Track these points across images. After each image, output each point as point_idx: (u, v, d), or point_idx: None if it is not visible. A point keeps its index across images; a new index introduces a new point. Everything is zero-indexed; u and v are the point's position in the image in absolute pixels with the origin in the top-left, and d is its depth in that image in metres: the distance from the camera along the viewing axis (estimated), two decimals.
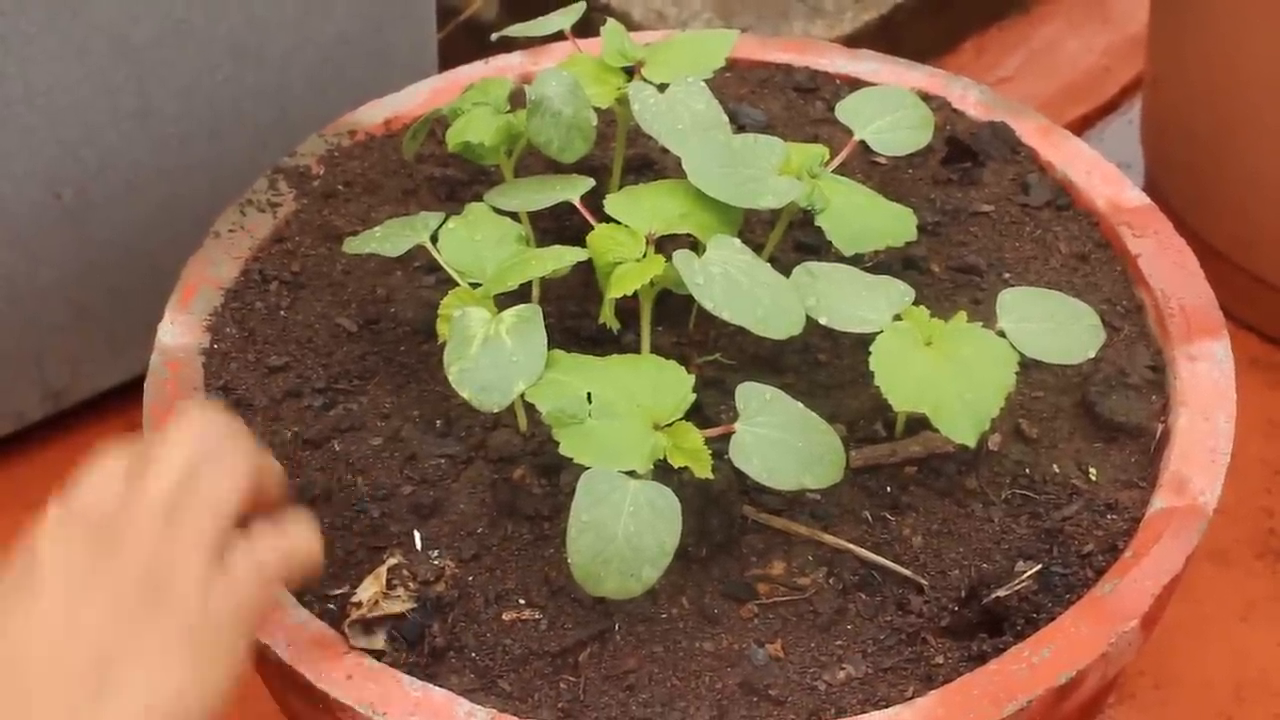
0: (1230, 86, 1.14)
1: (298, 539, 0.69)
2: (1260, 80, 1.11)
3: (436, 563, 0.74)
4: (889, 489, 0.77)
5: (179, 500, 0.65)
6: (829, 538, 0.75)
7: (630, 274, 0.75)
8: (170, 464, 0.66)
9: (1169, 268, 0.87)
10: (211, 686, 0.63)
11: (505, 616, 0.73)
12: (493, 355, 0.73)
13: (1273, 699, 1.02)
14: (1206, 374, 0.81)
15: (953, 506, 0.77)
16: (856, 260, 0.80)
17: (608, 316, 0.79)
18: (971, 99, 0.98)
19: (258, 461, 0.69)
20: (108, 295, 1.08)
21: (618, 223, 0.78)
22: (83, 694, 0.60)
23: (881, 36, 1.39)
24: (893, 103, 0.87)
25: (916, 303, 0.77)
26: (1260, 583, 1.08)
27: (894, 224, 0.82)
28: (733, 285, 0.74)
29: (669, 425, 0.72)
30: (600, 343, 0.81)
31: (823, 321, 0.76)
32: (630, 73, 0.86)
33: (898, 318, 0.76)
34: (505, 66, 0.99)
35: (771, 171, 0.81)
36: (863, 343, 0.75)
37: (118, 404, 1.13)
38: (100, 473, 0.67)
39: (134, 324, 1.00)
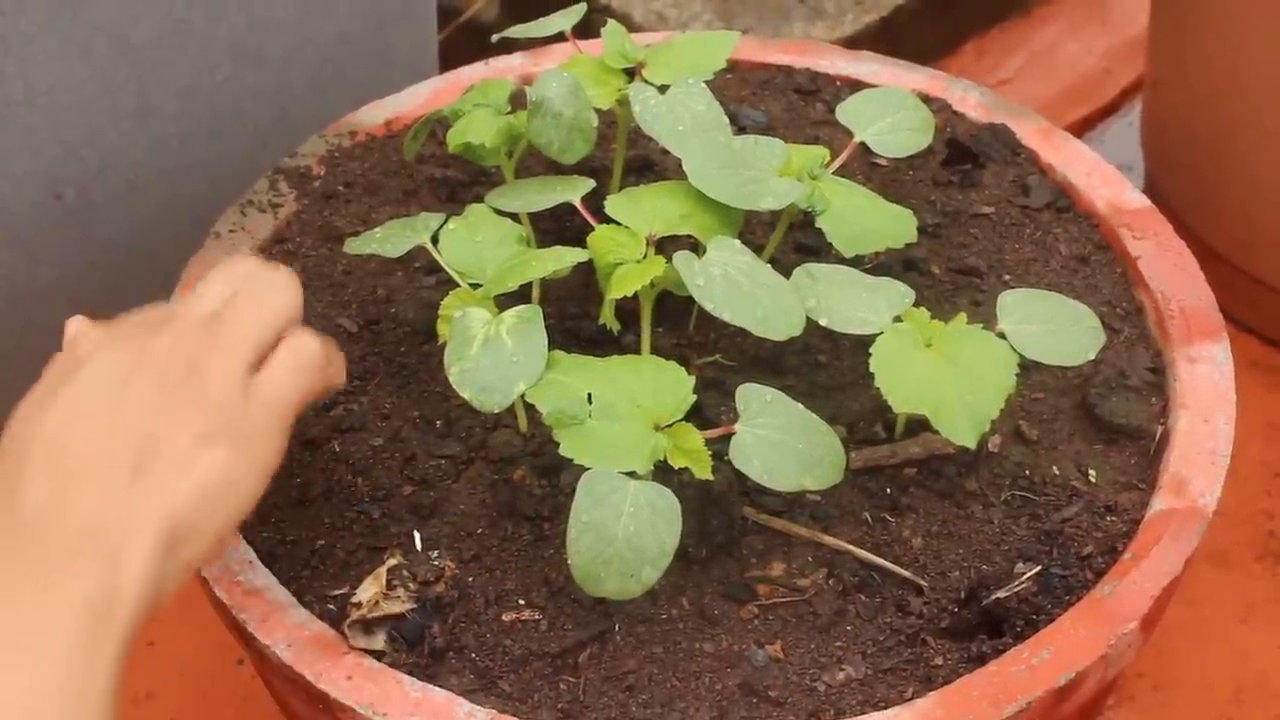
0: (1230, 89, 1.14)
1: (332, 347, 0.71)
2: (1260, 83, 1.11)
3: (436, 563, 0.74)
4: (889, 490, 0.77)
5: (220, 315, 0.67)
6: (829, 539, 0.75)
7: (630, 275, 0.75)
8: (211, 292, 0.69)
9: (1169, 270, 0.87)
10: (246, 475, 0.65)
11: (505, 617, 0.73)
12: (493, 356, 0.73)
13: (1272, 701, 1.02)
14: (1206, 376, 0.81)
15: (952, 508, 0.77)
16: (857, 262, 0.80)
17: (608, 317, 0.79)
18: (972, 101, 0.98)
19: (299, 292, 0.70)
20: (108, 295, 1.07)
21: (618, 224, 0.78)
22: (122, 475, 0.62)
23: (882, 38, 1.39)
24: (893, 105, 0.87)
25: (917, 304, 0.77)
26: (1260, 585, 1.08)
27: (894, 226, 0.82)
28: (733, 286, 0.74)
29: (669, 426, 0.72)
30: (600, 343, 0.81)
31: (823, 323, 0.76)
32: (631, 74, 0.86)
33: (898, 319, 0.76)
34: (506, 68, 0.99)
35: (772, 173, 0.81)
36: (863, 344, 0.75)
37: None
38: (140, 311, 0.70)
39: None
